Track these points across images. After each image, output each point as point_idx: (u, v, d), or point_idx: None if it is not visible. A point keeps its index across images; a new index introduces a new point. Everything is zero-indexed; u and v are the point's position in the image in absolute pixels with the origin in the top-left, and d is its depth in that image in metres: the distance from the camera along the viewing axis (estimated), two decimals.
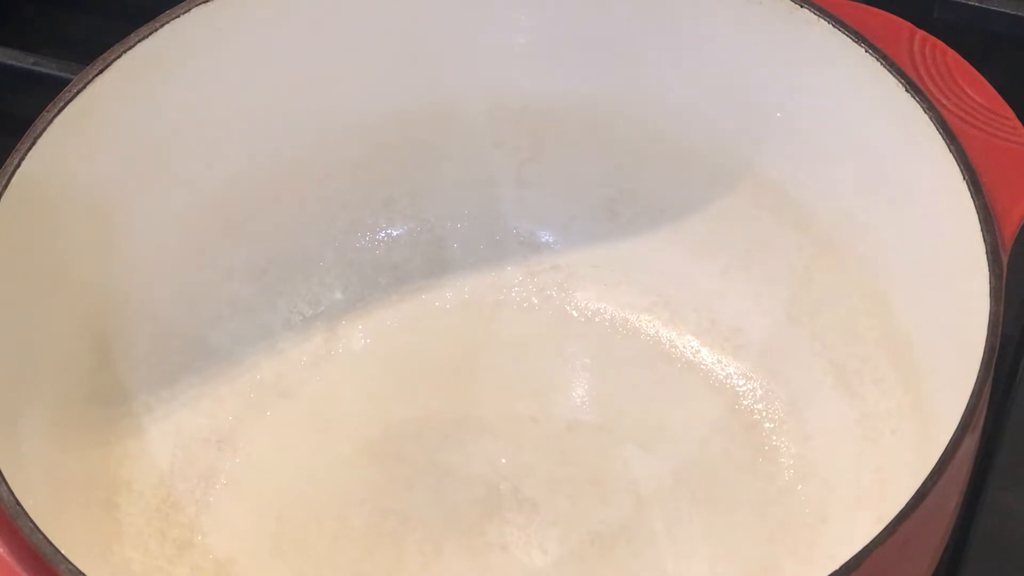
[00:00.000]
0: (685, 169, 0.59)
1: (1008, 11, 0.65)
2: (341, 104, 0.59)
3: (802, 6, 0.54)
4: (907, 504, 0.43)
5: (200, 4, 0.55)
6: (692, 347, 0.59)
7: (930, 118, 0.51)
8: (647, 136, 0.59)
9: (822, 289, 0.57)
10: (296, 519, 0.55)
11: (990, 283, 0.47)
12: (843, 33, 0.53)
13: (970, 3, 0.65)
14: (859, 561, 0.42)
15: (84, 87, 0.53)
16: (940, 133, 0.51)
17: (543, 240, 0.61)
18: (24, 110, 0.56)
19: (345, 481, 0.56)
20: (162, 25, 0.54)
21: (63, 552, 0.44)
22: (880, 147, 0.54)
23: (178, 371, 0.57)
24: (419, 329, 0.60)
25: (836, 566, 0.42)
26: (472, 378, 0.59)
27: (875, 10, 0.55)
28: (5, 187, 0.50)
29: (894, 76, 0.52)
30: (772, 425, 0.57)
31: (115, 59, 0.53)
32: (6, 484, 0.45)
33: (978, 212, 0.49)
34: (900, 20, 0.54)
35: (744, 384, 0.58)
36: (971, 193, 0.49)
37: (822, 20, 0.54)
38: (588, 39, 0.58)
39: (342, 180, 0.60)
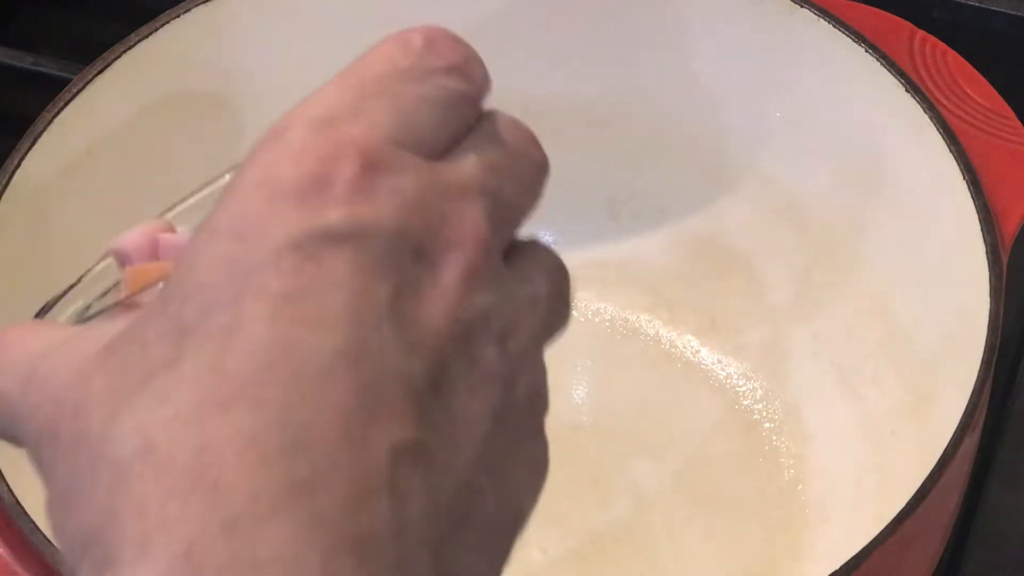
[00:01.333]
0: (685, 169, 0.59)
1: (1008, 11, 0.65)
2: None
3: (802, 6, 0.54)
4: (907, 504, 0.43)
5: (200, 4, 0.55)
6: (692, 347, 0.59)
7: (930, 118, 0.51)
8: (647, 136, 0.59)
9: (822, 289, 0.57)
10: None
11: (990, 283, 0.47)
12: (843, 33, 0.53)
13: (970, 3, 0.65)
14: (859, 561, 0.42)
15: (84, 87, 0.53)
16: (940, 133, 0.51)
17: (543, 240, 0.61)
18: (24, 110, 0.56)
19: None
20: (162, 25, 0.54)
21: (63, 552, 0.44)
22: (880, 147, 0.54)
23: None
24: None
25: (836, 566, 0.42)
26: None
27: (875, 10, 0.55)
28: (5, 187, 0.50)
29: (894, 76, 0.52)
30: (772, 425, 0.57)
31: (115, 59, 0.53)
32: (6, 484, 0.45)
33: (978, 212, 0.49)
34: (900, 20, 0.54)
35: (744, 384, 0.58)
36: (971, 193, 0.49)
37: (822, 20, 0.54)
38: (589, 39, 0.58)
39: None
